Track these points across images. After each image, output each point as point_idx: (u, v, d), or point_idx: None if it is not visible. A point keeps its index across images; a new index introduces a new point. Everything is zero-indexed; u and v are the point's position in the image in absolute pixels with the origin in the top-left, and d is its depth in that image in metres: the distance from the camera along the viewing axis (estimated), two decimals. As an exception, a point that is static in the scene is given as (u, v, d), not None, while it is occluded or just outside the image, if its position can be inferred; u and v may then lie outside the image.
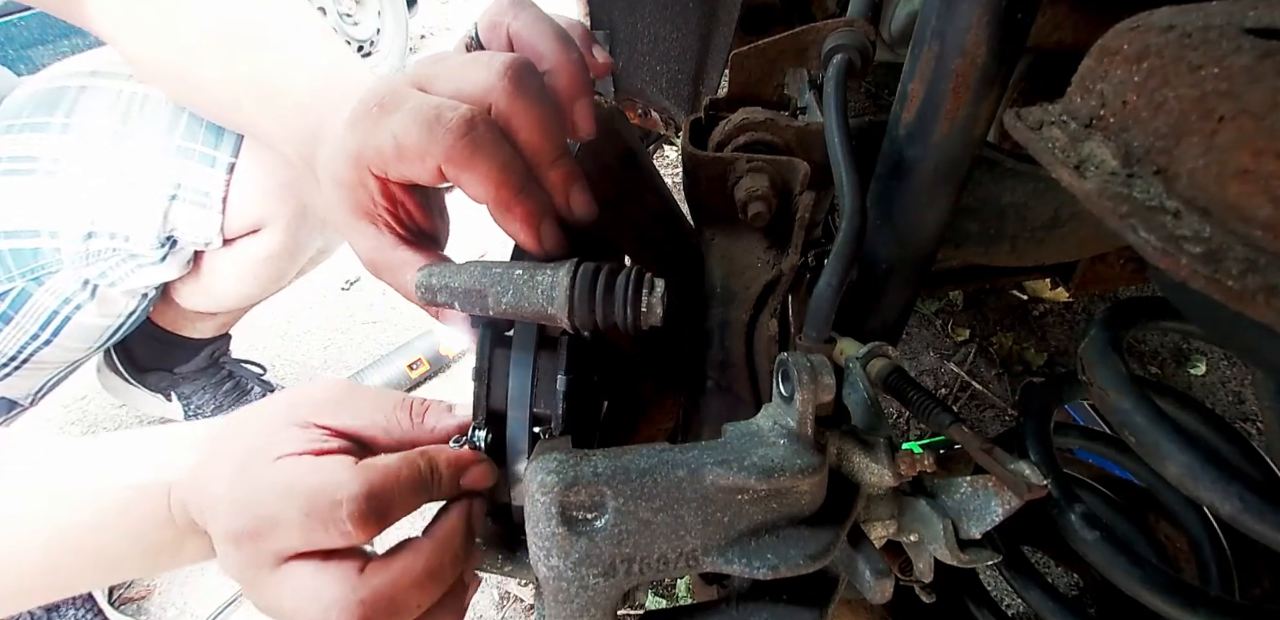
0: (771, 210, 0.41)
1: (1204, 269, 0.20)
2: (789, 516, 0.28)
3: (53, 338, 0.81)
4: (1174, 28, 0.23)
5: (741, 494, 0.27)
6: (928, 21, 0.35)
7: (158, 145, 0.74)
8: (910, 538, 0.34)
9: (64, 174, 0.73)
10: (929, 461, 0.31)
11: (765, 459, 0.27)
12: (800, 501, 0.28)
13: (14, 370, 0.82)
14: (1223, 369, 1.24)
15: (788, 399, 0.29)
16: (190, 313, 0.98)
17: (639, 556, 0.27)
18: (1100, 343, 0.41)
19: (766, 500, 0.27)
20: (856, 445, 0.32)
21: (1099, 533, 0.40)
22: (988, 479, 0.31)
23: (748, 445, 0.28)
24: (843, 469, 0.32)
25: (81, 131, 0.74)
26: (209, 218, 0.77)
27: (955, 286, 0.66)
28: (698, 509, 0.27)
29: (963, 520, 0.32)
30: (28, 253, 0.75)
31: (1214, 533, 0.52)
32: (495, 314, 0.33)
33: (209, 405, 1.13)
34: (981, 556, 0.32)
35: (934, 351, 1.28)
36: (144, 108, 0.75)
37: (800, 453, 0.28)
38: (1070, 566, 0.78)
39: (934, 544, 0.32)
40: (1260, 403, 0.40)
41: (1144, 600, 0.39)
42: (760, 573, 0.27)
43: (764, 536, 0.28)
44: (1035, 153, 0.27)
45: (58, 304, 0.79)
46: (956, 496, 0.33)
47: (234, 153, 0.76)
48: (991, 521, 0.31)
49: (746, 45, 0.47)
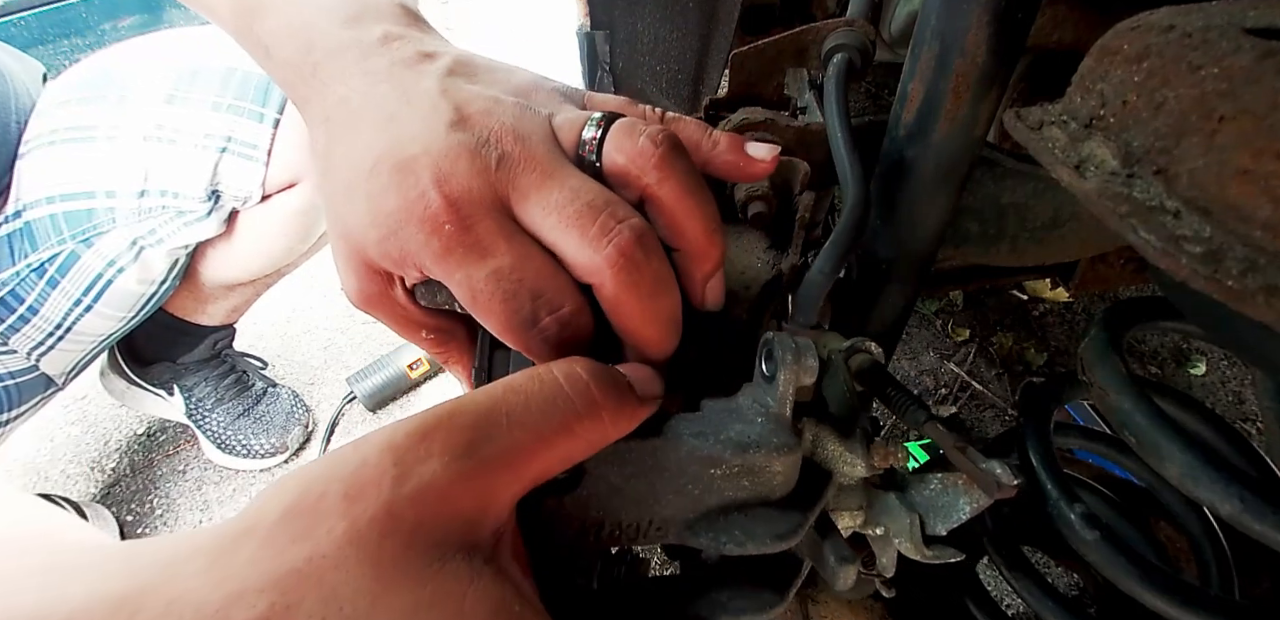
0: (772, 210, 0.41)
1: (1204, 269, 0.20)
2: (760, 497, 0.28)
3: (93, 303, 0.86)
4: (1174, 28, 0.23)
5: (715, 468, 0.27)
6: (928, 21, 0.35)
7: (210, 104, 0.81)
8: (876, 531, 0.34)
9: (123, 138, 0.80)
10: (902, 455, 0.31)
11: (742, 434, 0.27)
12: (772, 482, 0.28)
13: (58, 341, 0.88)
14: (1223, 369, 1.24)
15: (769, 378, 0.29)
16: (208, 291, 1.01)
17: (608, 522, 0.27)
18: (1100, 343, 0.41)
19: (739, 477, 0.27)
20: (832, 434, 0.31)
21: (1099, 533, 0.40)
22: (959, 476, 0.31)
23: (725, 420, 0.28)
24: (816, 456, 0.32)
25: (137, 101, 0.80)
26: (254, 170, 0.83)
27: (955, 286, 0.66)
28: (670, 479, 0.27)
29: (930, 516, 0.32)
30: (81, 214, 0.81)
31: (1214, 533, 0.52)
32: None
33: (210, 398, 1.14)
34: (945, 554, 0.32)
35: (934, 351, 1.28)
36: (196, 76, 0.82)
37: (777, 432, 0.28)
38: (1070, 566, 0.78)
39: (899, 538, 0.32)
40: (1260, 403, 0.40)
41: (1144, 600, 0.39)
42: (726, 548, 0.27)
43: (733, 514, 0.28)
44: (1035, 153, 0.27)
45: (103, 266, 0.84)
46: (926, 492, 0.33)
47: (279, 110, 0.82)
48: (958, 519, 0.31)
49: (746, 45, 0.47)
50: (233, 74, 0.82)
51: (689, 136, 0.33)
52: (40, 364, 0.88)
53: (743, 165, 0.33)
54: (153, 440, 1.23)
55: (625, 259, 0.27)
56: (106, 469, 1.19)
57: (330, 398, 1.28)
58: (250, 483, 1.16)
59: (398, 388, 1.25)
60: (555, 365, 0.25)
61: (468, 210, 0.27)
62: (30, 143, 0.81)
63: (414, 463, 0.21)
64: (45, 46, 1.51)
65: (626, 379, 0.26)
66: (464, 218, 0.26)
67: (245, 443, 1.14)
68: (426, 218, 0.26)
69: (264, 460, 1.15)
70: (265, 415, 1.17)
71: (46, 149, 0.81)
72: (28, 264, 0.82)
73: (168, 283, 0.92)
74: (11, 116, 0.81)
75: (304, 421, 1.20)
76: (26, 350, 0.86)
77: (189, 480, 1.17)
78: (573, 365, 0.25)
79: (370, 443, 0.21)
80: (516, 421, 0.22)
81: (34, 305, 0.84)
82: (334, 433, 1.22)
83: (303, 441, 1.20)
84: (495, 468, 0.21)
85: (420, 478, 0.20)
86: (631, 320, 0.28)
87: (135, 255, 0.85)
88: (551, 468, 0.23)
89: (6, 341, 0.84)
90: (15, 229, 0.82)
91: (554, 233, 0.27)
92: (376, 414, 1.25)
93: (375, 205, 0.27)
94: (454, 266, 0.27)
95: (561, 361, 0.25)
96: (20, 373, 0.86)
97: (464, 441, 0.21)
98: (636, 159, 0.29)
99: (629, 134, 0.29)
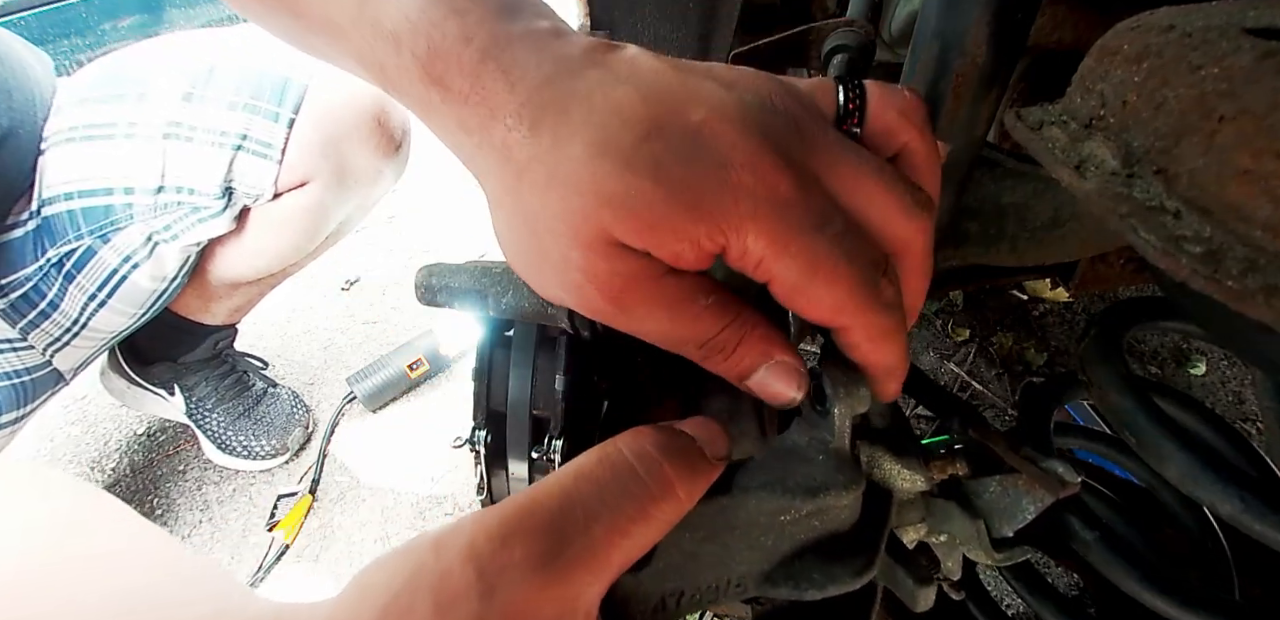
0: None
1: (1204, 269, 0.20)
2: (829, 532, 0.27)
3: (107, 299, 0.88)
4: (1174, 28, 0.23)
5: (784, 515, 0.26)
6: (928, 21, 0.35)
7: (227, 102, 0.82)
8: (940, 538, 0.34)
9: (141, 136, 0.81)
10: (961, 465, 0.30)
11: (808, 477, 0.26)
12: (840, 516, 0.27)
13: (73, 338, 0.89)
14: (1223, 369, 1.24)
15: (823, 413, 0.28)
16: (213, 289, 1.02)
17: (687, 588, 0.26)
18: (1100, 343, 0.41)
19: (808, 519, 0.26)
20: (887, 452, 0.31)
21: (1099, 533, 0.40)
22: (1017, 477, 0.31)
23: (787, 464, 0.27)
24: (874, 476, 0.31)
25: (156, 99, 0.81)
26: (268, 168, 0.84)
27: (955, 286, 0.66)
28: (743, 535, 0.26)
29: (994, 520, 0.32)
30: (99, 210, 0.82)
31: (1214, 533, 0.52)
32: (495, 314, 0.33)
33: (211, 398, 1.14)
34: (1016, 554, 0.32)
35: (934, 351, 1.28)
36: (212, 74, 0.82)
37: (841, 468, 0.27)
38: (1070, 566, 0.78)
39: (966, 544, 0.32)
40: (1260, 403, 0.40)
41: (1144, 600, 0.39)
42: (809, 594, 0.26)
43: (807, 556, 0.27)
44: (1035, 153, 0.27)
45: (119, 262, 0.86)
46: (986, 496, 0.32)
47: (295, 110, 0.83)
48: (1023, 520, 0.31)
49: (746, 45, 0.47)
50: (249, 73, 0.83)
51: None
52: (54, 360, 0.89)
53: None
54: (153, 440, 1.23)
55: (931, 227, 0.26)
56: (106, 469, 1.19)
57: (330, 398, 1.28)
58: (250, 483, 1.16)
59: (398, 388, 1.25)
60: (624, 442, 0.24)
61: (798, 172, 0.24)
62: (50, 140, 0.82)
63: (497, 573, 0.21)
64: (45, 46, 1.50)
65: (696, 444, 0.25)
66: (800, 179, 0.24)
67: (245, 444, 1.15)
68: (758, 182, 0.23)
69: (264, 461, 1.15)
70: (265, 416, 1.17)
71: (65, 146, 0.82)
72: (48, 259, 0.83)
73: (178, 279, 0.93)
74: (37, 114, 0.82)
75: (304, 422, 1.20)
76: (43, 346, 0.87)
77: (189, 480, 1.17)
78: (641, 441, 0.24)
79: (451, 548, 0.21)
80: (592, 516, 0.22)
81: (54, 301, 0.85)
82: (334, 433, 1.22)
83: (303, 442, 1.20)
84: (576, 572, 0.21)
85: (505, 590, 0.20)
86: (918, 292, 0.28)
87: (150, 251, 0.86)
88: (631, 558, 0.23)
89: (26, 337, 0.85)
90: (37, 225, 0.83)
91: (868, 198, 0.25)
92: (376, 414, 1.25)
93: (666, 174, 0.23)
94: (793, 233, 0.24)
95: (629, 437, 0.24)
96: (36, 368, 0.87)
97: (542, 548, 0.21)
98: (908, 112, 0.28)
99: (892, 90, 0.28)
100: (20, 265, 0.83)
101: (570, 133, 0.24)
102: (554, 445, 0.34)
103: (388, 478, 1.15)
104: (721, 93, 0.25)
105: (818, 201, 0.24)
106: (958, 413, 0.32)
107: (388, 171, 0.97)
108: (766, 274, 0.24)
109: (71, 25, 1.52)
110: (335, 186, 0.91)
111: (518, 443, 0.35)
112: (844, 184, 0.25)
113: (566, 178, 0.24)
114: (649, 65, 0.26)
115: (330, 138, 0.87)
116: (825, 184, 0.25)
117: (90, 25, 1.54)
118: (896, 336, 0.26)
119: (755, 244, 0.24)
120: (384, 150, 0.93)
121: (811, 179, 0.25)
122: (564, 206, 0.24)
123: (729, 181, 0.23)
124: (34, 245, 0.83)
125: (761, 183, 0.23)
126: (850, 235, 0.25)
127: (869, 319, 0.25)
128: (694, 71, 0.26)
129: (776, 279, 0.24)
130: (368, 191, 0.98)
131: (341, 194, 0.93)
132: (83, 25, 1.53)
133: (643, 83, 0.25)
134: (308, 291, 1.50)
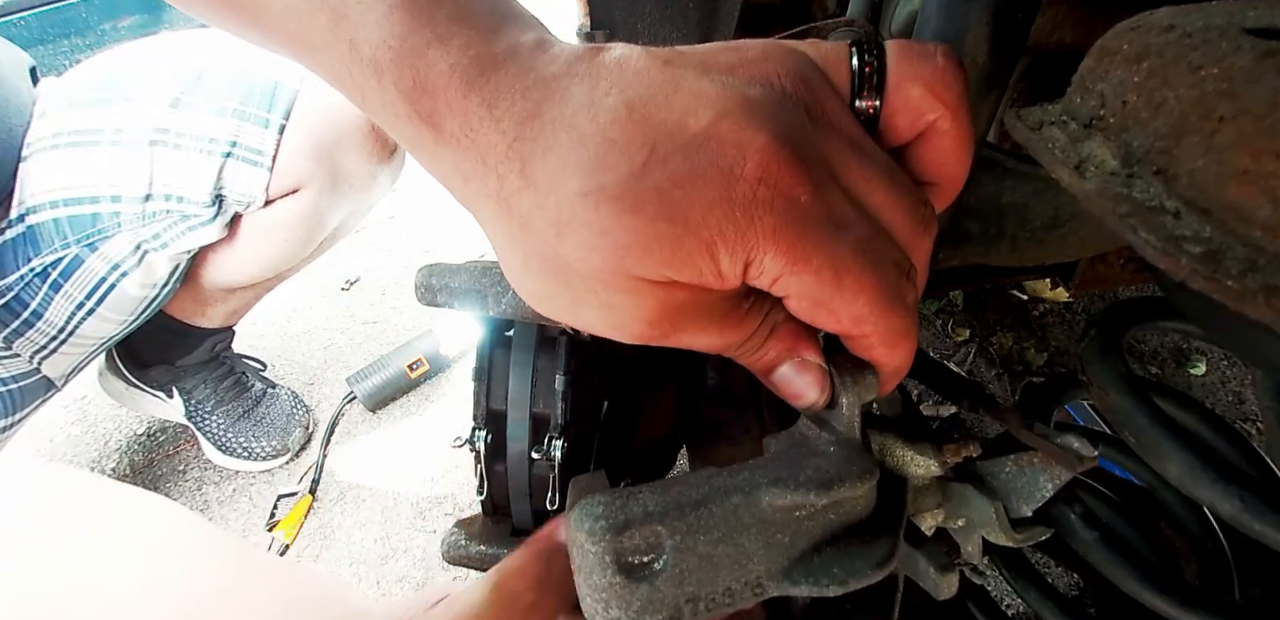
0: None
1: (1204, 269, 0.20)
2: (846, 525, 0.27)
3: (96, 307, 0.86)
4: (1174, 28, 0.23)
5: (799, 510, 0.25)
6: (928, 21, 0.35)
7: (215, 108, 0.80)
8: (958, 523, 0.33)
9: (127, 142, 0.79)
10: (974, 447, 0.30)
11: (820, 471, 0.26)
12: (856, 508, 0.27)
13: (60, 345, 0.87)
14: (1223, 369, 1.24)
15: (831, 403, 0.27)
16: (208, 294, 1.02)
17: (704, 593, 0.25)
18: (1100, 343, 0.41)
19: (824, 513, 0.26)
20: (898, 439, 0.30)
21: (1099, 533, 0.40)
22: (1032, 455, 0.30)
23: (797, 458, 0.27)
24: (887, 464, 0.30)
25: (144, 104, 0.80)
26: (258, 175, 0.83)
27: (955, 286, 0.66)
28: (758, 534, 0.25)
29: (1011, 500, 0.31)
30: (86, 218, 0.81)
31: (1214, 533, 0.52)
32: (495, 314, 0.33)
33: (210, 401, 1.14)
34: (1036, 533, 0.31)
35: (934, 351, 1.28)
36: (201, 79, 0.81)
37: (853, 459, 0.26)
38: (1070, 566, 0.78)
39: (985, 527, 0.32)
40: (1260, 403, 0.40)
41: (1144, 600, 0.39)
42: (830, 590, 0.25)
43: (825, 551, 0.26)
44: (1035, 153, 0.27)
45: (107, 270, 0.84)
46: (1001, 477, 0.32)
47: (285, 116, 0.82)
48: (1042, 497, 0.30)
49: (746, 45, 0.47)
50: (239, 78, 0.82)
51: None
52: (42, 367, 0.88)
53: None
54: (153, 440, 1.23)
55: (930, 248, 0.25)
56: (106, 469, 1.19)
57: (330, 398, 1.28)
58: (250, 483, 1.16)
59: (398, 388, 1.25)
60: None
61: (813, 169, 0.22)
62: (33, 146, 0.81)
63: None
64: (45, 46, 1.51)
65: None
66: (817, 180, 0.22)
67: (246, 445, 1.14)
68: (774, 193, 0.22)
69: (265, 462, 1.15)
70: (265, 417, 1.17)
71: (50, 152, 0.80)
72: (31, 268, 0.82)
73: (169, 286, 0.92)
74: (13, 119, 0.81)
75: (304, 422, 1.20)
76: (29, 354, 0.86)
77: (189, 480, 1.17)
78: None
79: None
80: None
81: (38, 309, 0.84)
82: (334, 433, 1.22)
83: (304, 442, 1.20)
84: None
85: None
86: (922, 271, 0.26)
87: (139, 259, 0.85)
88: None
89: (10, 346, 0.84)
90: (19, 233, 0.82)
91: (877, 209, 0.24)
92: (376, 414, 1.25)
93: (673, 206, 0.22)
94: (812, 246, 0.22)
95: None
96: (22, 376, 0.86)
97: None
98: (936, 85, 0.24)
99: (921, 55, 0.24)
100: (0, 275, 0.81)
101: (562, 167, 0.22)
102: (554, 445, 0.34)
103: (388, 478, 1.15)
104: (720, 88, 0.23)
105: (838, 204, 0.23)
106: (967, 394, 0.31)
107: (382, 176, 0.96)
108: (784, 289, 0.23)
109: (71, 25, 1.52)
110: (329, 193, 0.90)
111: (518, 442, 0.35)
112: (855, 181, 0.24)
113: (574, 228, 0.23)
114: (636, 67, 0.24)
115: (322, 143, 0.85)
116: (842, 179, 0.23)
117: (90, 25, 1.54)
118: (911, 338, 0.25)
119: (774, 262, 0.22)
120: (378, 155, 0.92)
121: (828, 175, 0.23)
122: (579, 257, 0.23)
123: (741, 199, 0.22)
124: (15, 255, 0.82)
125: (777, 193, 0.22)
126: (873, 238, 0.23)
127: (889, 324, 0.24)
128: (687, 65, 0.24)
129: (796, 295, 0.23)
130: (362, 197, 0.97)
131: (335, 200, 0.92)
132: (83, 25, 1.53)
133: (631, 93, 0.23)
134: (308, 291, 1.50)
